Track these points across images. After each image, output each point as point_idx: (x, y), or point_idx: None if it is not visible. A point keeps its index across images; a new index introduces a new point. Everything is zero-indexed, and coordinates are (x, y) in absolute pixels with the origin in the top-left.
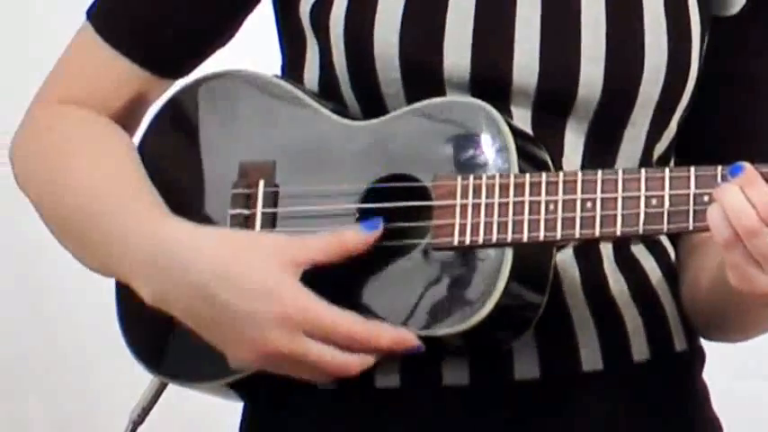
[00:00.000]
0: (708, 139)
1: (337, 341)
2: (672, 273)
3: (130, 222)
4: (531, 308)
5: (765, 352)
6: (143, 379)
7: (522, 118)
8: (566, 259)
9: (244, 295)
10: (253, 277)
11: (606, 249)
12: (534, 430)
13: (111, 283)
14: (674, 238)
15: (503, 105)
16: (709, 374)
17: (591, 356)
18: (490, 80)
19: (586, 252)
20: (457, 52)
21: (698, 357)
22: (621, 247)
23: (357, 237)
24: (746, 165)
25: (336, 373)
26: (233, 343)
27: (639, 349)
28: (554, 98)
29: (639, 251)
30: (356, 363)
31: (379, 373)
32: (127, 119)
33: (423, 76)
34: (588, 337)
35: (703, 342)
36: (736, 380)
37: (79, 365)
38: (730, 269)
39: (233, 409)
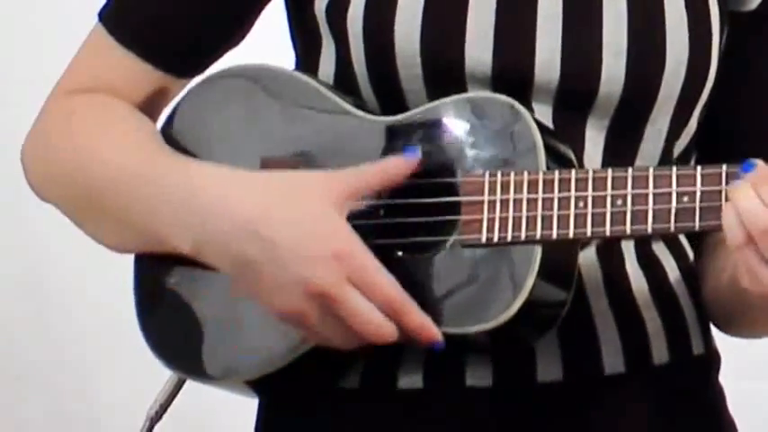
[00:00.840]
0: (727, 137)
1: (375, 299)
2: (690, 273)
3: (163, 175)
4: (557, 305)
5: (765, 352)
6: (143, 379)
7: (543, 114)
8: (588, 259)
9: (291, 232)
10: (301, 216)
11: (628, 249)
12: None
13: (112, 283)
14: (693, 237)
15: (524, 101)
16: None
17: (613, 359)
18: (512, 76)
19: (608, 252)
20: (478, 48)
21: (714, 360)
22: (644, 244)
23: (398, 161)
24: (758, 162)
25: (366, 335)
26: (274, 285)
27: (659, 352)
28: (575, 94)
29: (660, 250)
30: (389, 328)
31: (402, 373)
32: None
33: (444, 72)
34: (610, 340)
35: None
36: (739, 380)
37: (79, 365)
38: (743, 271)
39: (249, 407)
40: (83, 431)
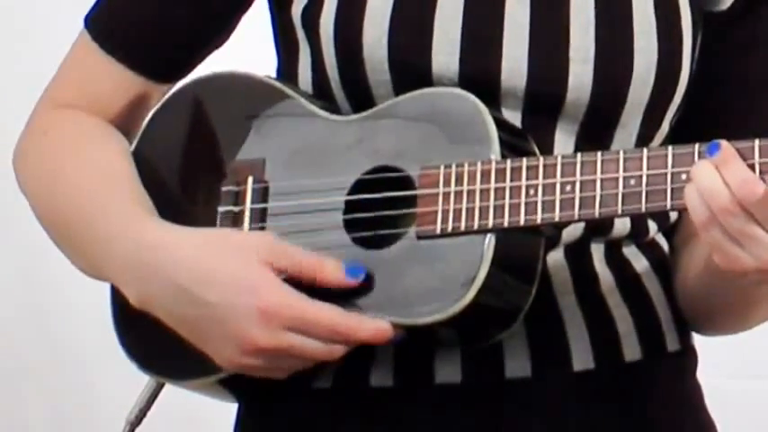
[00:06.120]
0: (703, 136)
1: (319, 334)
2: (665, 271)
3: (115, 225)
4: (518, 297)
5: (756, 351)
6: (143, 379)
7: (513, 118)
8: (557, 259)
9: (225, 293)
10: (234, 275)
11: (597, 250)
12: (525, 429)
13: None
14: (668, 231)
15: (493, 106)
16: (703, 373)
17: (582, 356)
18: (479, 82)
19: (577, 253)
20: (445, 53)
21: (691, 358)
22: (613, 247)
23: (336, 273)
24: (723, 143)
25: (319, 361)
26: (216, 342)
27: (631, 349)
28: (543, 100)
29: (631, 252)
30: (339, 350)
31: (373, 372)
32: (126, 122)
33: (412, 77)
34: (579, 337)
35: (695, 341)
36: (727, 379)
37: (79, 365)
38: (713, 250)
39: (228, 409)
40: (82, 431)
